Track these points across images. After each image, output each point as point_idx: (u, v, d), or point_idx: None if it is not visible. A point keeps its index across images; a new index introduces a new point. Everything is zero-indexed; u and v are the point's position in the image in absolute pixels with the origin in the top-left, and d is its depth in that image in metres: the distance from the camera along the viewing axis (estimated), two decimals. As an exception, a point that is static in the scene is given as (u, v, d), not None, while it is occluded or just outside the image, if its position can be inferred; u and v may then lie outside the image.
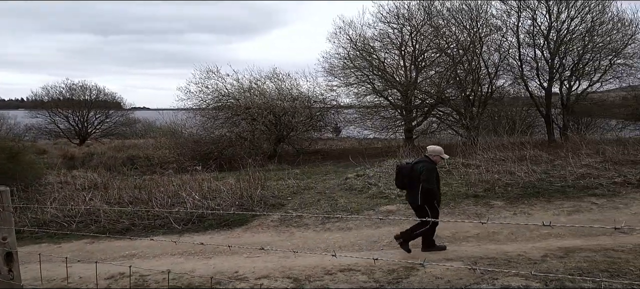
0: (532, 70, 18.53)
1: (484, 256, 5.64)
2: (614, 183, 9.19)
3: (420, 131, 21.63)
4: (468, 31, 18.08)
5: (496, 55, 18.48)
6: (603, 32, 17.26)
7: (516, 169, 10.66)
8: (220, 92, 19.93)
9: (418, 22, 18.91)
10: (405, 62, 20.07)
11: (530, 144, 15.16)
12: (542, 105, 18.89)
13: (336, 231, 7.35)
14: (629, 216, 7.39)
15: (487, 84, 18.84)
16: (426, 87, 20.15)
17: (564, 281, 4.30)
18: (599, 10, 17.14)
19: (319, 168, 15.63)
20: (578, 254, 5.40)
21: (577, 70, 18.09)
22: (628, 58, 17.81)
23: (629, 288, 4.25)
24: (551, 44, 17.73)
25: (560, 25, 17.56)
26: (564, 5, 17.29)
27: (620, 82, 19.30)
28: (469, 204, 8.48)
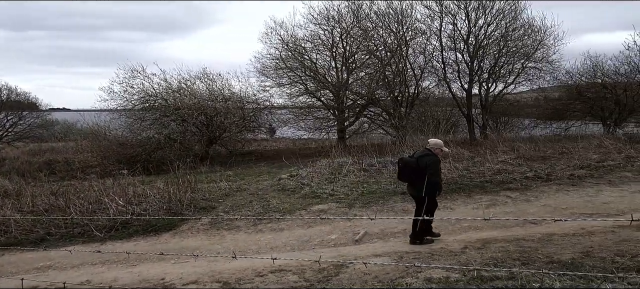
0: (454, 72, 19.65)
1: (410, 251, 5.88)
2: (526, 178, 9.94)
3: (352, 131, 22.11)
4: (395, 34, 18.78)
5: (421, 57, 19.39)
6: (516, 38, 18.72)
7: (440, 166, 11.19)
8: (147, 93, 19.11)
9: (348, 24, 19.32)
10: (337, 64, 20.42)
11: (454, 143, 16.05)
12: (464, 105, 20.05)
13: (268, 232, 7.33)
14: (539, 207, 8.04)
15: (413, 85, 19.68)
16: (357, 88, 20.64)
17: (480, 271, 4.59)
18: (512, 18, 18.56)
19: (253, 169, 15.49)
20: (494, 245, 5.79)
21: (493, 73, 19.43)
22: (538, 62, 19.44)
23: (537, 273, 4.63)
24: (470, 48, 18.90)
25: (478, 31, 18.77)
26: (481, 12, 18.51)
27: (531, 84, 21.00)
28: (397, 201, 8.80)
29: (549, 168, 10.68)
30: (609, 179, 9.68)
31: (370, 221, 7.67)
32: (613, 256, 4.94)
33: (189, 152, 17.81)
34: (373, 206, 8.53)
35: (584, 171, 10.24)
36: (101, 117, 20.98)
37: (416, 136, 17.33)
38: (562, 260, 4.96)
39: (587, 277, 4.27)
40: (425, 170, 6.00)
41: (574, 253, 5.17)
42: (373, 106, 20.85)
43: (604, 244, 5.49)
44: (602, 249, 5.27)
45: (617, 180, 9.62)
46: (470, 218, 7.41)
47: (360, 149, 14.21)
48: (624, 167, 10.51)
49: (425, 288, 4.29)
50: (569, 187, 9.22)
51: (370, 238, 6.76)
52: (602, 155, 11.77)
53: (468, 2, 18.38)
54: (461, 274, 4.54)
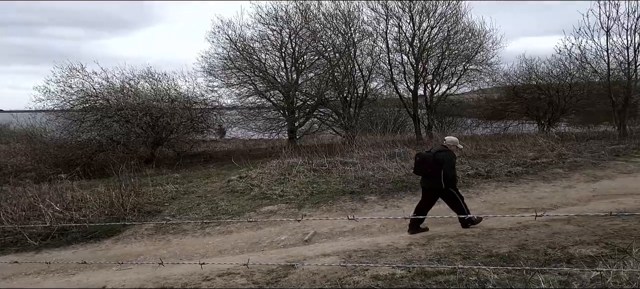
0: (400, 73, 20.21)
1: (357, 249, 5.97)
2: (467, 175, 10.38)
3: (303, 131, 22.17)
4: (343, 36, 19.03)
5: (369, 59, 19.78)
6: (457, 41, 19.56)
7: (388, 165, 11.48)
8: (87, 92, 18.18)
9: (296, 25, 19.35)
10: (286, 64, 20.40)
11: (401, 142, 16.52)
12: (410, 106, 20.65)
13: (216, 235, 7.21)
14: (479, 203, 8.43)
15: (362, 86, 20.02)
16: (307, 89, 20.73)
17: (424, 267, 4.75)
18: (453, 22, 19.36)
19: (201, 171, 15.17)
20: (438, 241, 6.01)
21: (437, 74, 20.18)
22: (478, 64, 20.42)
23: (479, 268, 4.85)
24: (415, 50, 19.52)
25: (422, 34, 19.41)
26: (424, 15, 19.16)
27: (472, 85, 22.01)
28: (345, 201, 8.92)
29: (489, 166, 11.20)
30: (543, 176, 10.30)
31: (320, 221, 7.79)
32: (545, 248, 5.25)
33: (133, 155, 17.14)
34: (322, 206, 8.60)
35: (520, 168, 10.82)
36: (37, 119, 19.72)
37: (365, 135, 17.67)
38: (500, 253, 5.21)
39: (521, 269, 4.51)
40: (441, 164, 6.51)
41: (511, 246, 5.46)
42: (323, 107, 21.01)
43: (538, 237, 5.83)
44: (536, 242, 5.60)
45: (550, 176, 10.26)
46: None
47: (310, 150, 14.29)
48: (556, 164, 11.21)
49: (371, 286, 4.38)
50: (507, 184, 9.73)
51: (319, 237, 6.81)
52: (537, 153, 12.50)
53: (412, 5, 18.97)
54: (406, 270, 4.68)
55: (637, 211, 7.01)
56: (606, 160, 11.58)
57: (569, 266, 4.38)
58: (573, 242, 5.40)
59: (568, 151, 12.58)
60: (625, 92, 16.32)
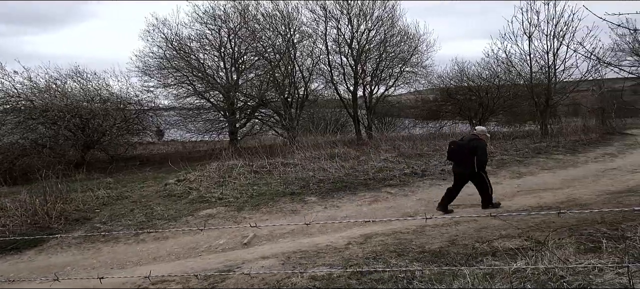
0: (340, 75, 20.55)
1: (297, 250, 6.00)
2: (404, 174, 10.73)
3: (244, 132, 21.91)
4: (283, 36, 19.03)
5: (309, 60, 19.92)
6: (394, 44, 20.18)
7: (328, 166, 11.62)
8: (8, 93, 16.87)
9: (235, 24, 19.09)
10: (226, 64, 20.07)
11: (341, 143, 16.76)
12: (350, 107, 21.02)
13: (151, 242, 6.95)
14: (415, 201, 8.75)
15: (303, 87, 20.12)
16: (247, 90, 20.51)
17: (360, 265, 4.86)
18: (389, 25, 19.97)
19: (137, 175, 14.57)
20: (374, 239, 6.16)
21: (376, 76, 20.71)
22: (413, 66, 21.20)
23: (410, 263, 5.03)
24: (354, 52, 19.90)
25: (360, 36, 19.83)
26: (362, 18, 19.60)
27: (409, 87, 22.81)
28: (286, 202, 8.91)
29: (425, 164, 11.65)
30: (473, 173, 10.86)
31: (260, 222, 7.74)
32: (474, 243, 5.54)
33: (61, 159, 16.13)
34: (262, 208, 8.55)
35: (453, 166, 11.34)
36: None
37: (306, 136, 17.76)
38: (432, 249, 5.44)
39: (452, 263, 4.74)
40: (474, 151, 7.41)
41: (442, 242, 5.72)
42: (264, 108, 20.89)
43: (467, 232, 6.14)
44: (465, 237, 5.90)
45: (479, 173, 10.84)
46: (354, 214, 7.83)
47: (251, 151, 14.15)
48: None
49: (309, 286, 4.42)
50: (440, 182, 10.15)
51: (259, 240, 6.76)
52: (468, 151, 13.15)
53: (350, 8, 19.32)
54: (343, 269, 4.76)
55: (554, 205, 7.58)
56: (529, 157, 12.43)
57: (494, 259, 4.66)
58: (498, 236, 5.75)
59: (496, 150, 13.35)
60: (546, 93, 17.58)
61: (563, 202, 7.78)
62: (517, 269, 3.83)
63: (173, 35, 19.12)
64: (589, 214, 6.07)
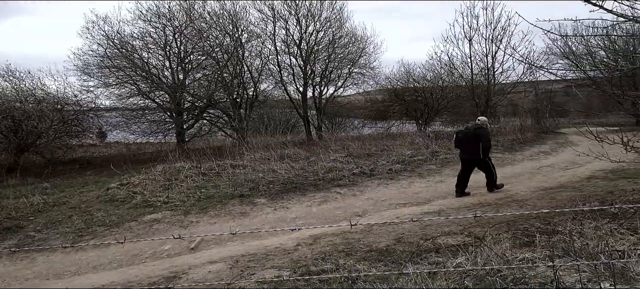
0: (290, 75, 20.56)
1: (245, 253, 5.93)
2: (353, 174, 10.89)
3: (192, 134, 21.36)
4: (230, 36, 18.75)
5: (258, 60, 19.77)
6: (342, 45, 20.45)
7: (278, 167, 11.58)
8: None
9: (180, 23, 18.59)
10: (172, 64, 19.48)
11: (292, 143, 16.75)
12: (300, 107, 21.08)
13: (91, 250, 6.62)
14: (363, 200, 8.89)
15: (252, 87, 19.93)
16: (195, 90, 20.03)
17: (309, 266, 4.88)
18: (337, 27, 20.23)
19: (76, 179, 13.85)
20: (324, 240, 6.20)
21: (325, 76, 20.90)
22: (362, 67, 21.58)
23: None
24: (303, 52, 19.98)
25: (309, 37, 19.98)
26: (310, 19, 19.72)
27: (357, 87, 23.19)
28: (235, 204, 8.79)
29: (373, 164, 11.89)
30: (419, 172, 11.21)
31: (209, 226, 7.59)
32: (418, 240, 5.71)
33: (-10, 163, 15.06)
34: (210, 211, 8.38)
35: (400, 166, 11.65)
36: None
37: (255, 137, 17.62)
38: (379, 248, 5.56)
39: (397, 261, 4.86)
40: (479, 139, 8.34)
41: (389, 240, 5.85)
42: (213, 108, 20.49)
43: (413, 230, 6.31)
44: (411, 235, 6.06)
45: (425, 172, 11.20)
46: (303, 215, 7.86)
47: (200, 153, 13.84)
48: (430, 161, 12.28)
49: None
50: (388, 181, 10.40)
51: (207, 244, 6.62)
52: (414, 151, 13.57)
53: (298, 9, 19.37)
54: (291, 271, 4.76)
55: (494, 201, 7.96)
56: (471, 156, 12.96)
57: (437, 256, 4.83)
58: (442, 233, 5.95)
59: (440, 149, 13.84)
60: (486, 95, 18.46)
61: (501, 198, 8.18)
62: (458, 265, 3.99)
63: (114, 32, 18.32)
64: (521, 211, 6.41)
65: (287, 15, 19.42)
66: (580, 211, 5.53)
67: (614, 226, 4.32)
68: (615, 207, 3.54)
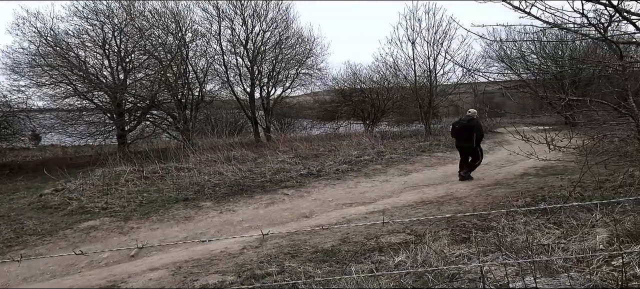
0: (237, 76, 20.30)
1: (189, 259, 5.79)
2: (301, 175, 10.92)
3: (134, 136, 20.55)
4: (173, 35, 18.23)
5: (203, 60, 19.35)
6: (289, 46, 20.46)
7: (225, 169, 11.39)
8: None
9: (120, 20, 17.83)
10: (111, 63, 18.65)
11: (239, 145, 16.54)
12: (248, 108, 20.84)
13: (22, 260, 6.21)
14: (310, 201, 8.92)
15: (197, 88, 19.48)
16: (137, 90, 19.28)
17: (254, 270, 4.84)
18: (284, 27, 20.22)
19: (6, 185, 12.98)
20: (269, 242, 6.17)
21: (272, 77, 20.80)
22: (309, 68, 21.69)
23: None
24: (250, 53, 19.77)
25: (255, 37, 19.81)
26: (256, 19, 19.57)
27: (305, 88, 23.27)
28: (179, 208, 8.55)
29: (320, 165, 11.97)
30: (365, 172, 11.42)
31: (149, 232, 7.33)
32: (363, 240, 5.82)
33: None
34: (152, 216, 8.11)
35: (346, 166, 11.81)
36: None
37: (201, 139, 17.26)
38: (325, 248, 5.61)
39: (342, 261, 4.93)
40: (473, 129, 9.28)
41: (335, 240, 5.91)
42: (156, 109, 19.82)
43: (358, 230, 6.42)
44: (356, 235, 6.16)
45: (371, 172, 11.43)
46: (250, 218, 7.78)
47: (142, 156, 13.36)
48: (376, 161, 12.55)
49: (199, 296, 4.30)
50: (335, 181, 10.51)
51: (148, 251, 6.40)
52: (361, 151, 13.81)
53: (244, 8, 19.15)
54: (236, 275, 4.71)
55: (435, 199, 8.26)
56: (415, 155, 13.40)
57: (380, 255, 4.94)
58: (386, 231, 6.10)
59: (386, 149, 14.18)
60: (428, 96, 19.11)
61: (442, 196, 8.50)
62: (398, 264, 4.10)
63: (48, 29, 17.28)
64: (461, 207, 6.70)
65: (233, 15, 19.17)
66: (513, 207, 5.85)
67: (542, 221, 4.61)
68: (542, 206, 3.77)
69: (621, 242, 2.99)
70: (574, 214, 4.72)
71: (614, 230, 3.29)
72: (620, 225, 3.67)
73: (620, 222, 3.89)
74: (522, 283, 2.52)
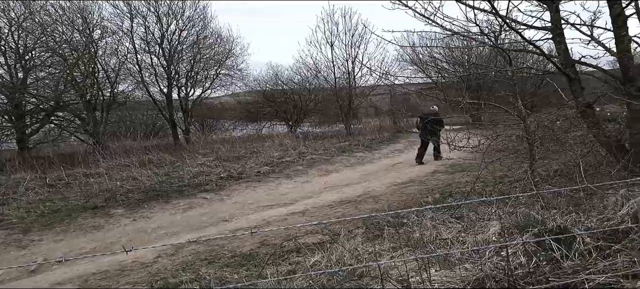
0: (152, 76, 19.34)
1: (97, 271, 5.45)
2: (221, 178, 10.70)
3: (37, 140, 18.83)
4: (80, 32, 16.99)
5: (115, 59, 18.22)
6: (207, 45, 19.92)
7: (140, 174, 10.86)
8: None
9: (18, 14, 16.27)
10: (8, 60, 16.94)
11: (156, 148, 15.84)
12: (165, 109, 20.01)
13: None
14: (230, 205, 8.79)
15: (109, 88, 18.31)
16: (39, 90, 17.69)
17: (167, 279, 4.68)
18: (201, 27, 19.67)
19: None
20: (186, 249, 5.99)
21: (191, 77, 20.13)
22: (229, 69, 21.32)
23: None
24: (165, 52, 18.95)
25: (171, 36, 19.01)
26: (172, 17, 18.82)
27: (226, 89, 22.85)
28: (86, 218, 8.00)
29: (241, 167, 11.81)
30: (287, 173, 11.48)
31: (54, 244, 6.79)
32: (282, 242, 5.84)
33: None
34: (56, 227, 7.52)
35: (268, 168, 11.78)
36: None
37: (113, 142, 16.32)
38: (243, 252, 5.56)
39: (260, 265, 4.92)
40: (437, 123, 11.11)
41: (253, 244, 5.88)
42: (62, 111, 18.34)
43: (277, 232, 6.42)
44: (275, 237, 6.17)
45: (292, 173, 11.50)
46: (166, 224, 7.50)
47: (47, 161, 12.35)
48: (298, 162, 12.65)
49: (106, 311, 4.07)
50: (256, 184, 10.45)
51: (49, 265, 5.93)
52: (283, 152, 13.84)
53: (158, 5, 18.35)
54: (148, 286, 4.52)
55: (353, 198, 8.52)
56: (335, 156, 13.70)
57: (297, 256, 5.00)
58: (304, 232, 6.18)
59: (307, 149, 14.34)
60: (348, 97, 19.63)
61: (360, 195, 8.78)
62: (314, 264, 4.19)
63: None
64: (377, 205, 6.97)
65: (146, 12, 18.24)
66: (423, 204, 6.21)
67: (446, 216, 4.94)
68: (447, 203, 4.03)
69: (510, 233, 3.30)
70: (475, 208, 5.12)
71: (504, 223, 3.63)
72: (512, 217, 4.04)
73: (512, 214, 4.28)
74: (421, 277, 2.69)
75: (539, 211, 3.94)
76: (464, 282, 2.62)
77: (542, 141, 5.21)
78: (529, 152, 4.90)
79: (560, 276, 2.57)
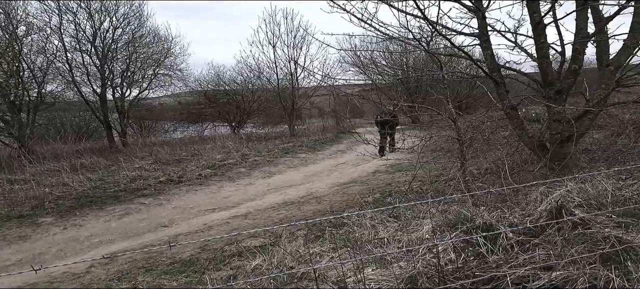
0: (84, 75, 18.28)
1: (23, 285, 5.12)
2: (160, 182, 10.36)
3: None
4: (3, 28, 15.78)
5: (42, 57, 17.05)
6: (144, 44, 19.14)
7: (71, 179, 10.28)
8: None
9: None
10: None
11: (89, 151, 15.06)
12: (99, 110, 19.03)
13: None
14: (170, 210, 8.54)
15: (35, 88, 17.13)
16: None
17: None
18: (137, 25, 18.87)
19: None
20: (122, 257, 5.75)
21: (127, 77, 19.26)
22: (168, 69, 20.64)
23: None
24: (98, 50, 18.01)
25: (104, 34, 18.08)
26: (105, 14, 17.90)
27: (165, 90, 22.10)
28: (11, 227, 7.48)
29: (182, 170, 11.51)
30: (229, 176, 11.32)
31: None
32: (224, 246, 5.77)
33: None
34: (-24, 240, 6.95)
35: (210, 171, 11.56)
36: None
37: (41, 146, 15.33)
38: (183, 258, 5.44)
39: (200, 271, 4.84)
40: (394, 119, 12.33)
41: (194, 249, 5.76)
42: (-19, 113, 16.93)
43: (219, 235, 6.35)
44: (216, 241, 6.08)
45: (235, 176, 11.36)
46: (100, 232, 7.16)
47: (-37, 168, 11.36)
48: (240, 164, 12.51)
49: (33, 327, 3.84)
50: (197, 187, 10.22)
51: (-31, 281, 5.48)
52: (225, 154, 13.63)
53: (90, 3, 17.41)
54: (81, 299, 4.31)
55: (297, 199, 8.56)
56: (279, 157, 13.68)
57: (239, 260, 4.97)
58: (247, 235, 6.13)
59: (250, 151, 14.22)
60: (291, 98, 19.68)
61: (303, 196, 8.84)
62: (255, 267, 4.18)
63: None
64: (320, 205, 7.05)
65: (76, 8, 17.21)
66: (364, 204, 6.36)
67: (385, 215, 5.10)
68: (386, 202, 4.16)
69: (441, 231, 3.49)
70: (412, 207, 5.32)
71: (437, 221, 3.82)
72: (445, 215, 4.25)
73: (445, 212, 4.50)
74: (357, 277, 2.78)
75: (469, 209, 4.18)
76: (398, 280, 2.73)
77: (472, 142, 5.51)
78: (460, 152, 5.17)
79: (485, 270, 2.75)
